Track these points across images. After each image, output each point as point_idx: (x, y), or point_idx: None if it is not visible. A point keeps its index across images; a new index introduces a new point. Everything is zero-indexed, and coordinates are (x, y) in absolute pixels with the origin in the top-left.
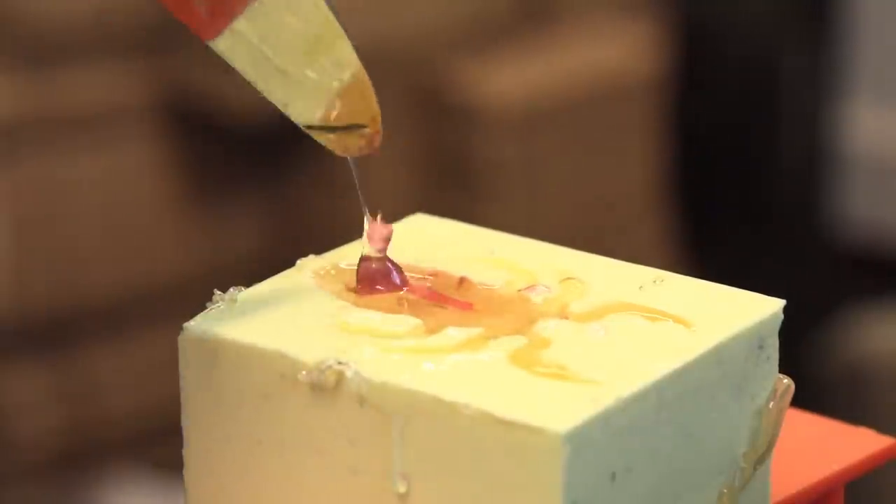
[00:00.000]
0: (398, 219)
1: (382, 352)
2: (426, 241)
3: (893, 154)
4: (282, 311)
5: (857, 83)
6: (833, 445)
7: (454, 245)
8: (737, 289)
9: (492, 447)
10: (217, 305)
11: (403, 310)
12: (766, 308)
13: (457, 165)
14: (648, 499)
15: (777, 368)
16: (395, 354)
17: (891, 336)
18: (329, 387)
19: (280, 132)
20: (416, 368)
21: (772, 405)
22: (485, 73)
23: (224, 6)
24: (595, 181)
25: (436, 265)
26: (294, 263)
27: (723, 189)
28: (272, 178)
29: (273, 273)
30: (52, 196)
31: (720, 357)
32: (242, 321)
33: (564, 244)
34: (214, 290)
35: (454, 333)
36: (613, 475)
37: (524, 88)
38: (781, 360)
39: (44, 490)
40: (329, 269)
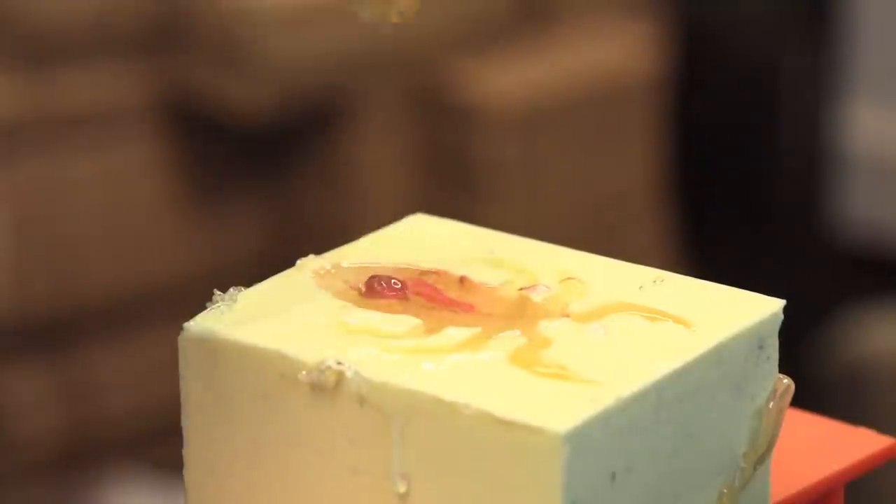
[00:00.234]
0: (398, 219)
1: (382, 352)
2: (426, 241)
3: (893, 154)
4: (282, 311)
5: (858, 83)
6: (833, 445)
7: (454, 245)
8: (737, 289)
9: (492, 447)
10: (217, 305)
11: (403, 310)
12: (766, 308)
13: (457, 165)
14: (648, 499)
15: (777, 368)
16: (395, 354)
17: (891, 336)
18: (329, 387)
19: (280, 132)
20: (416, 368)
21: (772, 405)
22: (485, 73)
23: None
24: (595, 181)
25: (436, 265)
26: (294, 263)
27: (723, 189)
28: (272, 178)
29: (273, 273)
30: (52, 196)
31: (720, 357)
32: (242, 321)
33: (564, 244)
34: (214, 290)
35: (454, 333)
36: (613, 475)
37: (524, 88)
38: (781, 360)
39: (44, 490)
40: (329, 269)
